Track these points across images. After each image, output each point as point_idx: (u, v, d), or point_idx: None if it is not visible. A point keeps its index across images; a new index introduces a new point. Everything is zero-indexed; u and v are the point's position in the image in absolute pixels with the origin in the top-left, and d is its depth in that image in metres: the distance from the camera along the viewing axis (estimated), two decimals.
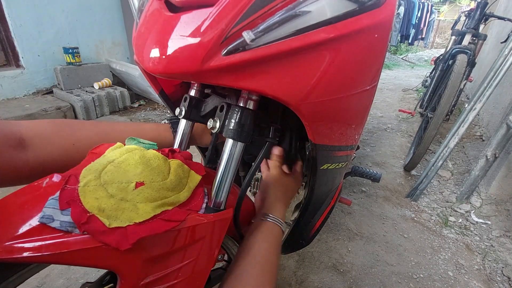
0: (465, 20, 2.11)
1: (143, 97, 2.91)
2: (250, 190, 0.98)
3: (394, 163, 1.90)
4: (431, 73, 2.61)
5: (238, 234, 0.51)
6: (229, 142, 0.43)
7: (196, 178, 0.41)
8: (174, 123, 0.59)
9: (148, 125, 0.57)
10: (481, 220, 1.38)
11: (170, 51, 0.34)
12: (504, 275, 1.09)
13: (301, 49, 0.35)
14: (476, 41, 1.91)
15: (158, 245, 0.33)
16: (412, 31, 6.46)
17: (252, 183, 0.83)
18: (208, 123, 0.45)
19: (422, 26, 6.71)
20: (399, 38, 6.38)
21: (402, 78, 4.79)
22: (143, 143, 0.43)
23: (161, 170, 0.37)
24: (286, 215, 1.26)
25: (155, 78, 0.56)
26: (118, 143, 0.41)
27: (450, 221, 1.39)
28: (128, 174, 0.34)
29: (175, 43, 0.34)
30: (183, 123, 0.53)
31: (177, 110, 0.52)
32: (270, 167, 0.63)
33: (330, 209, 0.80)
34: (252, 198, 0.62)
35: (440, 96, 1.70)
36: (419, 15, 6.42)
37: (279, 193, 0.58)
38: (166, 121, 0.60)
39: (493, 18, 1.95)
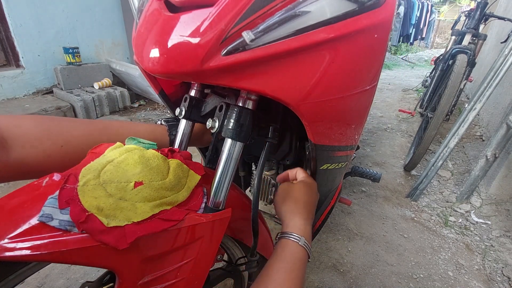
0: (465, 20, 2.11)
1: (143, 97, 2.91)
2: (250, 190, 0.98)
3: (394, 163, 1.90)
4: (431, 73, 2.61)
5: (254, 253, 0.49)
6: (228, 142, 0.43)
7: (195, 178, 0.41)
8: (171, 125, 0.58)
9: (143, 126, 0.54)
10: (481, 220, 1.38)
11: (169, 51, 0.34)
12: (504, 275, 1.09)
13: (301, 49, 0.35)
14: (476, 41, 1.91)
15: (157, 244, 0.33)
16: (413, 31, 6.46)
17: (269, 188, 0.79)
18: (207, 122, 0.45)
19: (422, 26, 6.71)
20: (398, 37, 6.38)
21: (402, 78, 4.79)
22: (143, 143, 0.43)
23: (160, 169, 0.37)
24: None
25: (155, 78, 0.56)
26: (118, 143, 0.41)
27: (450, 221, 1.39)
28: (127, 174, 0.34)
29: (174, 43, 0.34)
30: (183, 123, 0.53)
31: (177, 110, 0.52)
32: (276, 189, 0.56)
33: (330, 209, 0.80)
34: (259, 202, 0.60)
35: (440, 96, 1.70)
36: (418, 14, 6.42)
37: (289, 206, 0.50)
38: (163, 122, 0.58)
39: (493, 18, 1.95)
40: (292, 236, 0.44)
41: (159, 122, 0.59)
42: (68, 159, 0.41)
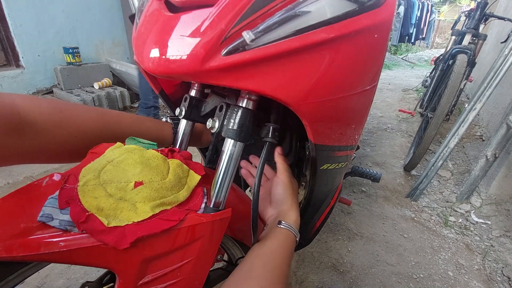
0: (465, 20, 2.11)
1: None
2: (250, 190, 0.98)
3: (394, 163, 1.90)
4: (431, 73, 2.61)
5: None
6: (228, 142, 0.43)
7: (195, 178, 0.41)
8: (176, 123, 0.58)
9: (153, 122, 0.54)
10: (481, 220, 1.38)
11: (169, 51, 0.34)
12: (504, 275, 1.09)
13: (301, 49, 0.35)
14: (476, 41, 1.91)
15: (157, 244, 0.33)
16: (414, 30, 6.47)
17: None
18: (207, 123, 0.45)
19: (422, 25, 6.72)
20: (399, 37, 6.38)
21: (402, 78, 4.79)
22: (143, 143, 0.43)
23: (160, 169, 0.37)
24: None
25: (155, 78, 0.56)
26: (118, 143, 0.41)
27: (450, 221, 1.39)
28: (127, 174, 0.34)
29: (175, 43, 0.34)
30: (183, 123, 0.53)
31: (177, 110, 0.52)
32: (279, 172, 0.55)
33: (330, 209, 0.80)
34: (250, 196, 0.61)
35: (440, 96, 1.70)
36: (418, 14, 6.44)
37: (291, 200, 0.53)
38: (169, 120, 0.59)
39: (493, 18, 1.95)
40: (292, 229, 0.49)
41: (164, 119, 0.59)
42: (79, 149, 0.41)
